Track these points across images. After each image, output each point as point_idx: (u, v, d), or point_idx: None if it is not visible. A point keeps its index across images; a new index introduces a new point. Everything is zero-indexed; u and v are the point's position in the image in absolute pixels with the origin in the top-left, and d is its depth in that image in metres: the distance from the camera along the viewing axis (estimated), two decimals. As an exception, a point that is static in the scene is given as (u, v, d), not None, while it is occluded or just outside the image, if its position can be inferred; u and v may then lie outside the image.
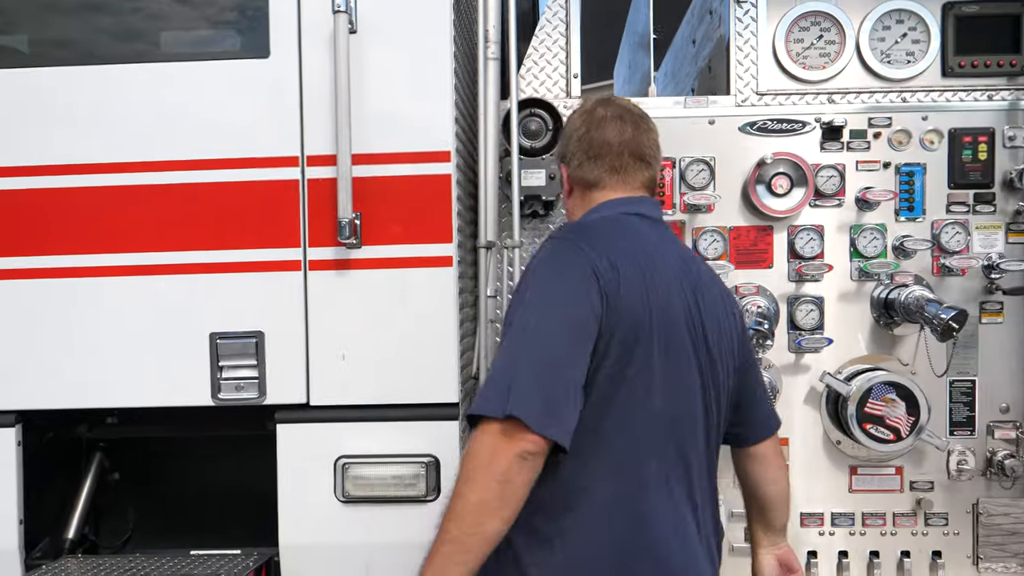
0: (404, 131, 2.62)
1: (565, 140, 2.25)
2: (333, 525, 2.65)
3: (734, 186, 3.05)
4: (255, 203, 2.65)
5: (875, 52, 3.05)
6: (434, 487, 2.63)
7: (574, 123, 2.23)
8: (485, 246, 2.74)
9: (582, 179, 2.20)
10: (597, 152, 2.17)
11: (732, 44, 3.08)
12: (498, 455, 1.80)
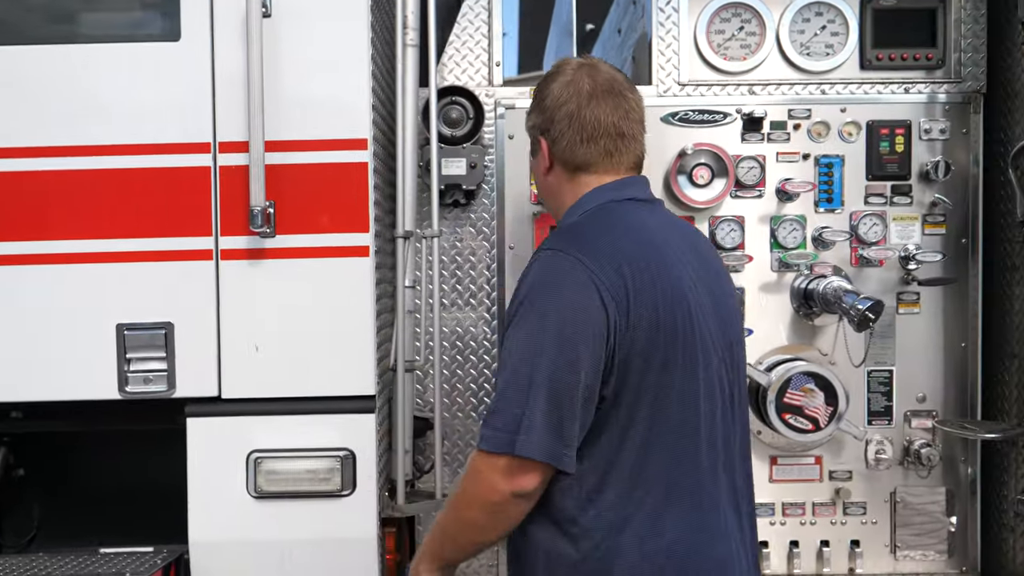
0: (320, 118, 2.56)
1: (547, 112, 2.03)
2: (245, 521, 2.58)
3: (656, 176, 3.04)
4: (165, 190, 2.57)
5: (795, 44, 3.07)
6: (350, 481, 2.58)
7: (557, 94, 2.02)
8: (403, 236, 2.70)
9: (570, 161, 2.02)
10: (591, 135, 2.00)
11: (654, 34, 3.08)
12: (495, 490, 1.81)
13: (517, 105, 3.05)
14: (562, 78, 2.04)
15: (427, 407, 3.02)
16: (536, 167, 2.14)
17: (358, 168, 2.58)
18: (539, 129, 2.07)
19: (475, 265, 3.09)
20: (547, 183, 2.11)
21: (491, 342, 3.08)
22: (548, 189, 2.12)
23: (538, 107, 2.07)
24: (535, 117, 2.08)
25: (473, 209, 3.07)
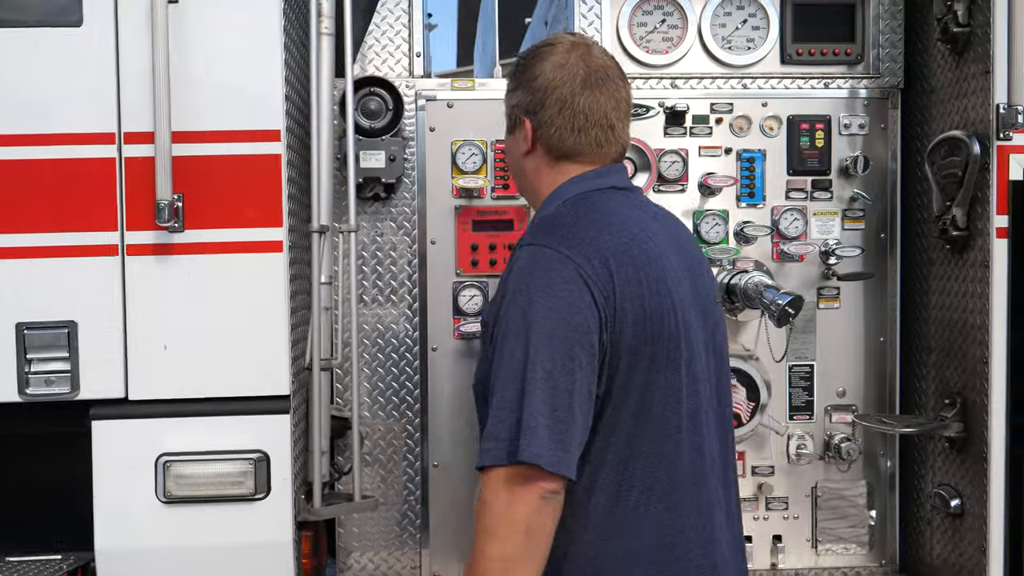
0: (231, 108, 2.47)
1: (537, 93, 1.92)
2: (154, 527, 2.48)
3: (580, 171, 3.03)
4: (67, 183, 2.45)
5: (716, 38, 3.06)
6: (264, 484, 2.50)
7: (550, 76, 1.91)
8: (318, 231, 2.62)
9: (556, 148, 1.93)
10: (582, 125, 1.91)
11: (576, 26, 3.04)
12: (517, 502, 1.65)
13: (438, 97, 3.00)
14: (554, 58, 1.93)
15: (347, 406, 2.95)
16: (512, 146, 2.03)
17: (271, 160, 2.49)
18: (524, 109, 1.96)
19: (396, 260, 3.02)
20: (523, 165, 2.01)
21: (412, 339, 3.02)
22: (523, 171, 2.02)
23: (526, 86, 1.95)
24: (520, 95, 1.96)
25: (393, 203, 3.00)
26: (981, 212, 2.70)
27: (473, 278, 2.99)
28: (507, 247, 3.00)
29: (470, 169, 2.97)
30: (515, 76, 2.00)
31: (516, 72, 2.00)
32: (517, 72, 2.00)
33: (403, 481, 3.04)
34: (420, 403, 3.02)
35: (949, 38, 2.81)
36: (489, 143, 2.99)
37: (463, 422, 3.02)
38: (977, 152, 2.68)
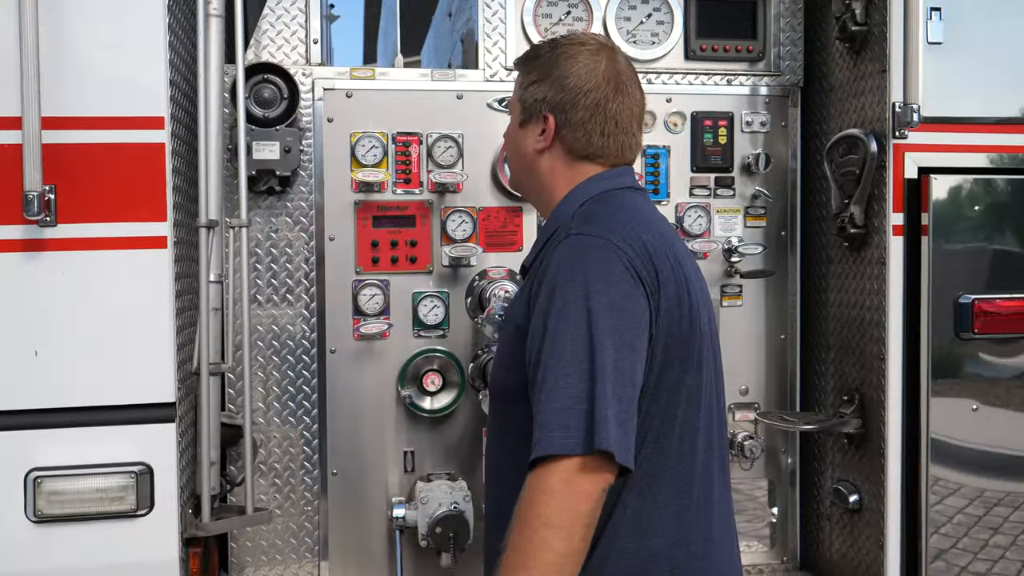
0: (109, 93, 2.25)
1: (567, 93, 1.83)
2: (24, 549, 2.25)
3: (483, 164, 2.92)
4: (-77, 173, 2.21)
5: (622, 32, 3.00)
6: (147, 500, 2.30)
7: (584, 78, 1.82)
8: (207, 225, 2.43)
9: (579, 150, 1.86)
10: (611, 130, 1.85)
11: (480, 16, 2.94)
12: (583, 494, 1.56)
13: (337, 86, 2.84)
14: (585, 59, 1.86)
15: (239, 413, 2.77)
16: (522, 140, 1.92)
17: (154, 150, 2.29)
18: (551, 106, 1.85)
19: (292, 258, 2.85)
20: (536, 162, 1.90)
21: (310, 341, 2.86)
22: (532, 168, 1.92)
23: (555, 83, 1.85)
24: (547, 91, 1.86)
25: (289, 197, 2.83)
26: (878, 210, 2.73)
27: (374, 276, 2.85)
28: (409, 244, 2.87)
29: (370, 162, 2.83)
30: (537, 69, 1.90)
31: (538, 65, 1.90)
32: (540, 65, 1.90)
33: (300, 491, 2.87)
34: (318, 408, 2.86)
35: (847, 37, 2.83)
36: (390, 135, 2.86)
37: (363, 428, 2.88)
38: (874, 150, 2.70)
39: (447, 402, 2.87)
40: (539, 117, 1.88)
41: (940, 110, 2.65)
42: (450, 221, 2.88)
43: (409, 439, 2.92)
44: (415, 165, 2.88)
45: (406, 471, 2.91)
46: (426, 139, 2.87)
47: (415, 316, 2.88)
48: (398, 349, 2.89)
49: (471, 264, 2.90)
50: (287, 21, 2.86)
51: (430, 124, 2.89)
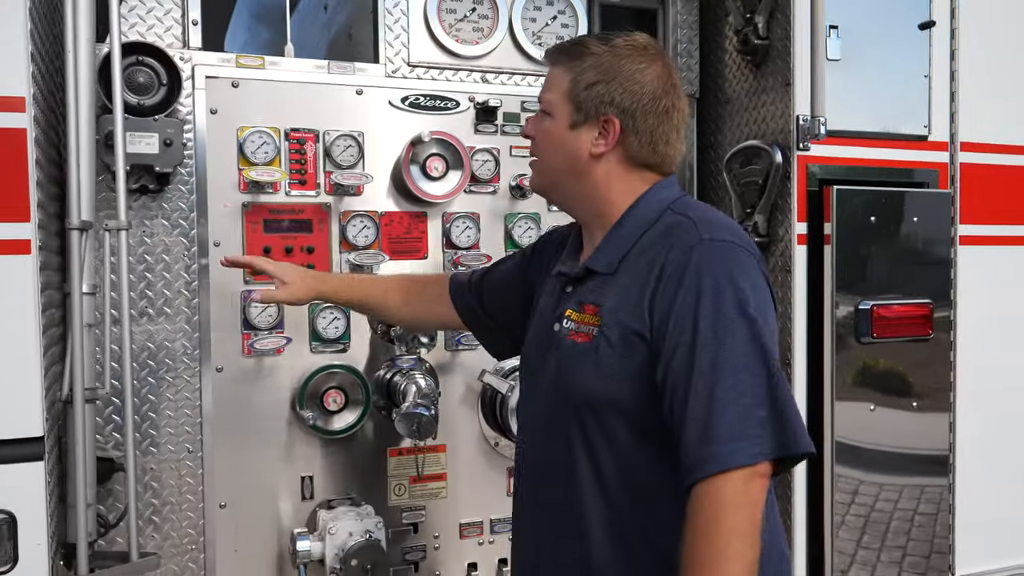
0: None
1: (638, 98, 1.67)
2: None
3: (384, 166, 2.59)
4: None
5: (527, 32, 2.75)
6: (9, 554, 1.84)
7: (655, 82, 1.68)
8: (79, 227, 1.97)
9: (643, 158, 1.70)
10: (674, 139, 1.73)
11: (381, 6, 2.60)
12: (760, 500, 1.49)
13: (222, 74, 2.42)
14: (651, 63, 1.70)
15: (109, 443, 2.30)
16: (575, 143, 1.70)
17: (13, 136, 1.83)
18: (619, 108, 1.67)
19: (170, 266, 2.38)
20: (590, 167, 1.71)
21: (192, 358, 2.41)
22: (585, 173, 1.71)
23: (622, 85, 1.67)
24: (614, 92, 1.67)
25: (166, 198, 2.37)
26: (782, 219, 2.63)
27: (265, 286, 2.44)
28: (306, 251, 2.49)
29: (262, 160, 2.42)
30: (595, 68, 1.69)
31: (595, 64, 1.69)
32: (598, 64, 1.69)
33: (183, 527, 2.41)
34: (202, 434, 2.42)
35: (749, 50, 2.72)
36: (283, 131, 2.47)
37: (254, 454, 2.47)
38: (780, 161, 2.60)
39: (352, 421, 2.51)
40: (599, 120, 1.69)
41: (838, 124, 2.58)
42: (351, 226, 2.52)
43: (306, 463, 2.53)
44: (311, 165, 2.50)
45: (304, 498, 2.52)
46: (323, 137, 2.51)
47: (313, 330, 2.51)
48: (293, 366, 2.50)
49: (374, 273, 2.56)
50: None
51: (327, 120, 2.52)
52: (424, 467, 2.59)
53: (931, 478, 2.74)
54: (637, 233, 1.68)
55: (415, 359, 2.58)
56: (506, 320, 2.01)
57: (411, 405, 2.38)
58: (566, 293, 1.74)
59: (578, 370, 1.65)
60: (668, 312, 1.55)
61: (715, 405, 1.49)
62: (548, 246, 1.97)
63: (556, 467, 1.69)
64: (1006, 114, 2.89)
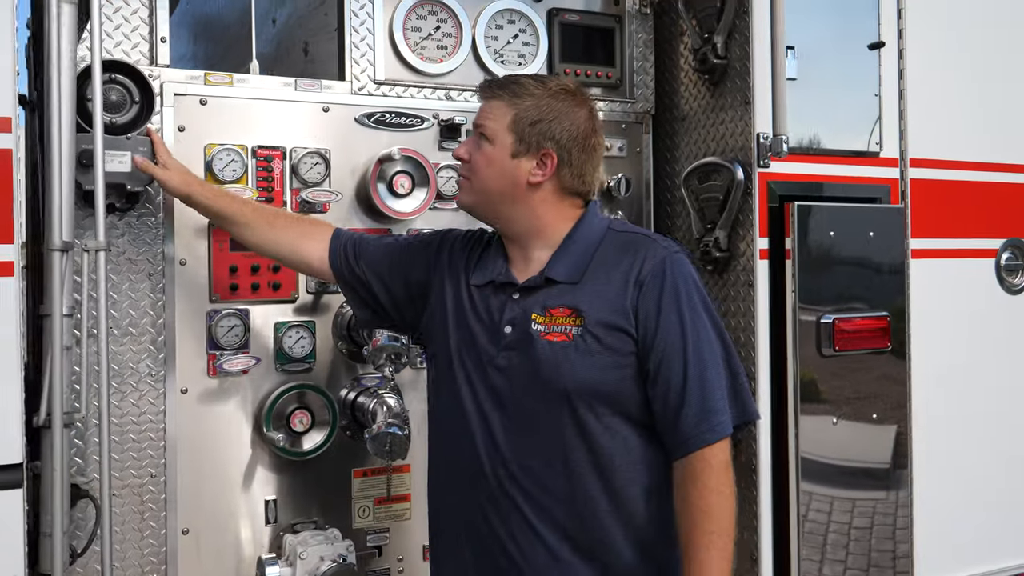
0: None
1: (573, 134, 2.12)
2: None
3: (348, 182, 2.84)
4: None
5: (490, 50, 3.06)
6: (-14, 589, 2.01)
7: (588, 121, 2.15)
8: (61, 248, 2.17)
9: (573, 187, 2.16)
10: (595, 169, 2.19)
11: (347, 24, 2.86)
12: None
13: (190, 91, 2.64)
14: (581, 105, 2.16)
15: (72, 467, 2.47)
16: (515, 171, 2.13)
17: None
18: (558, 145, 2.12)
19: (135, 285, 2.58)
20: (527, 194, 2.14)
21: (157, 379, 2.60)
22: (521, 199, 2.14)
23: (560, 125, 2.12)
24: (554, 131, 2.11)
25: (132, 216, 2.57)
26: (743, 235, 2.98)
27: (232, 305, 2.67)
28: (272, 269, 2.72)
29: (230, 178, 2.65)
30: (536, 107, 2.12)
31: (535, 104, 2.12)
32: (537, 104, 2.12)
33: (144, 554, 2.59)
34: (165, 457, 2.61)
35: (707, 69, 3.08)
36: (251, 148, 2.70)
37: (218, 477, 2.67)
38: (741, 178, 2.95)
39: (320, 441, 2.74)
40: (538, 152, 2.12)
41: (795, 141, 2.95)
42: (318, 244, 2.76)
43: (269, 487, 2.75)
44: (278, 182, 2.74)
45: (267, 522, 2.73)
46: (290, 154, 2.75)
47: (279, 349, 2.73)
48: (258, 386, 2.72)
49: (339, 291, 2.80)
50: (127, 14, 2.61)
51: (294, 138, 2.76)
52: (392, 487, 2.83)
53: (890, 491, 3.11)
54: (591, 249, 2.14)
55: (380, 378, 2.83)
56: (377, 290, 2.35)
57: (383, 425, 2.62)
58: (513, 299, 2.14)
59: (565, 364, 2.06)
60: (655, 312, 2.04)
61: (707, 387, 2.04)
62: (453, 249, 2.34)
63: (546, 456, 2.07)
64: (952, 131, 3.33)
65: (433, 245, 2.37)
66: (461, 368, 2.17)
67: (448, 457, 2.23)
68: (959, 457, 3.32)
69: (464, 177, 2.22)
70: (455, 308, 2.22)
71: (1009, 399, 3.47)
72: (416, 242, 2.42)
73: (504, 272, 2.18)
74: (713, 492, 2.02)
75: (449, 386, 2.20)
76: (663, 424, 2.07)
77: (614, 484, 2.06)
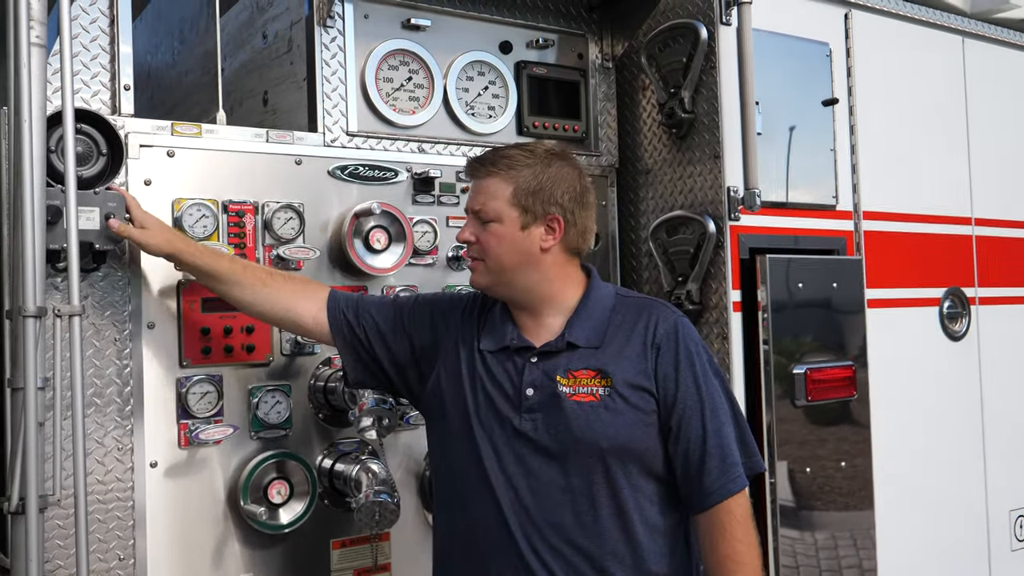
0: None
1: (573, 195, 2.15)
2: None
3: (319, 238, 2.67)
4: None
5: (461, 103, 2.96)
6: None
7: (581, 180, 2.18)
8: (34, 315, 1.94)
9: (577, 246, 2.18)
10: (594, 218, 2.23)
11: (319, 74, 2.71)
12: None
13: (156, 143, 2.44)
14: (572, 166, 2.19)
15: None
16: (527, 241, 2.13)
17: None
18: (561, 208, 2.13)
19: (100, 350, 2.34)
20: (542, 260, 2.14)
21: (124, 451, 2.34)
22: (538, 265, 2.14)
23: (562, 188, 2.14)
24: (558, 196, 2.13)
25: (96, 277, 2.34)
26: (716, 287, 2.95)
27: (205, 370, 2.46)
28: (245, 330, 2.52)
29: (200, 234, 2.45)
30: (535, 177, 2.13)
31: (533, 174, 2.13)
32: (535, 174, 2.13)
33: (113, 647, 2.33)
34: (134, 537, 2.36)
35: (674, 123, 3.06)
36: (221, 203, 2.51)
37: (191, 555, 2.43)
38: (713, 231, 2.93)
39: (300, 512, 2.53)
40: (544, 219, 2.13)
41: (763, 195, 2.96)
42: (293, 304, 2.58)
43: (245, 563, 2.52)
44: (250, 238, 2.55)
45: (245, 601, 2.51)
46: (263, 209, 2.57)
47: (254, 415, 2.53)
48: (231, 455, 2.51)
49: (314, 352, 2.63)
50: (86, 60, 2.40)
51: (266, 191, 2.59)
52: (379, 556, 2.65)
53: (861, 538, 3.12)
54: (606, 313, 2.17)
55: (357, 443, 2.66)
56: (379, 351, 2.28)
57: (371, 493, 2.45)
58: (531, 363, 2.12)
59: (597, 424, 2.05)
60: (673, 372, 2.09)
61: (724, 442, 2.09)
62: (449, 313, 2.29)
63: (576, 512, 2.05)
64: (900, 184, 3.41)
65: (439, 306, 2.31)
66: (481, 429, 2.11)
67: (468, 522, 2.14)
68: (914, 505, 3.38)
69: (476, 259, 2.19)
70: (469, 372, 2.17)
71: (959, 444, 3.57)
72: (419, 303, 2.34)
73: (517, 337, 2.16)
74: (740, 542, 2.07)
75: (466, 448, 2.12)
76: (686, 479, 2.10)
77: (636, 538, 2.06)
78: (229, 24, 3.20)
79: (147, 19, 3.74)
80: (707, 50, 2.94)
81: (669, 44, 3.07)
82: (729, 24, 2.93)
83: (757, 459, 2.18)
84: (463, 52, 2.99)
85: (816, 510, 3.00)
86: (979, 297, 3.70)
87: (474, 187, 2.20)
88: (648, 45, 3.14)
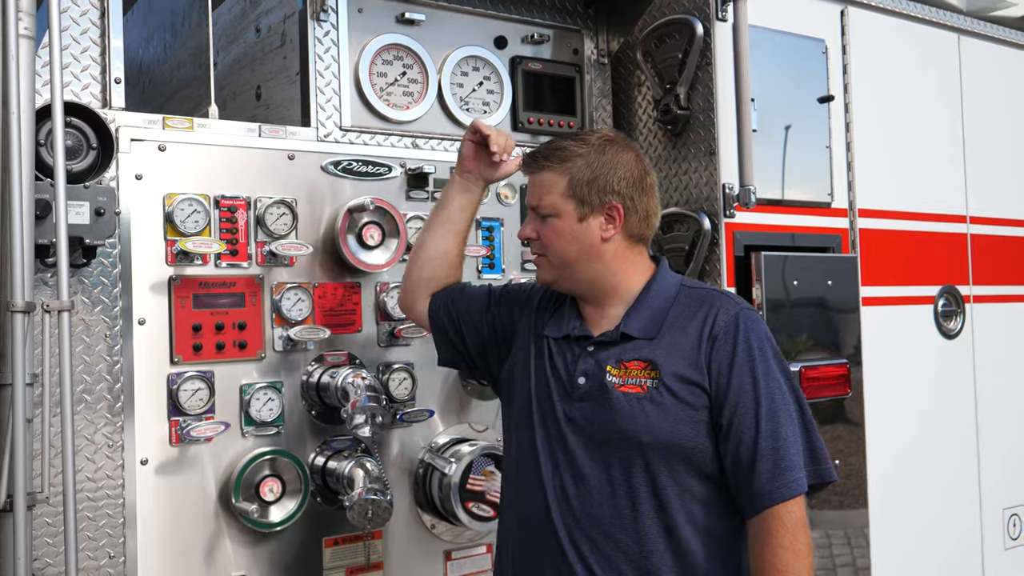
0: None
1: (631, 180, 2.07)
2: None
3: (311, 233, 2.65)
4: None
5: (456, 98, 2.93)
6: None
7: (640, 163, 2.11)
8: (23, 310, 1.91)
9: (640, 232, 2.11)
10: (657, 209, 2.15)
11: (312, 68, 2.69)
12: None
13: (147, 138, 2.41)
14: (630, 150, 2.12)
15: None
16: (586, 233, 2.07)
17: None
18: (620, 195, 2.06)
19: (90, 347, 2.31)
20: (602, 250, 2.08)
21: (114, 448, 2.32)
22: (599, 256, 2.08)
23: (618, 174, 2.07)
24: (612, 181, 2.06)
25: (86, 272, 2.31)
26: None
27: (196, 367, 2.43)
28: (237, 327, 2.49)
29: (192, 230, 2.42)
30: (588, 167, 2.06)
31: (586, 164, 2.06)
32: (589, 163, 2.07)
33: (102, 647, 2.31)
34: (124, 535, 2.34)
35: (670, 119, 3.04)
36: (213, 198, 2.48)
37: (182, 553, 2.41)
38: (708, 228, 2.92)
39: (292, 510, 2.51)
40: (603, 208, 2.07)
41: (758, 192, 2.94)
42: (285, 299, 2.55)
43: (237, 561, 2.49)
44: (243, 234, 2.52)
45: (237, 600, 2.49)
46: (255, 204, 2.54)
47: (246, 412, 2.50)
48: (223, 453, 2.48)
49: (308, 348, 2.60)
50: (76, 53, 2.36)
51: (258, 187, 2.56)
52: (371, 555, 2.62)
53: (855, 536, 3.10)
54: (667, 304, 2.09)
55: (350, 440, 2.64)
56: (467, 332, 2.32)
57: (364, 491, 2.42)
58: (587, 352, 2.08)
59: (641, 417, 1.99)
60: (728, 366, 1.98)
61: (780, 444, 1.95)
62: (527, 301, 2.29)
63: (616, 507, 1.99)
64: (896, 182, 3.40)
65: (523, 294, 2.33)
66: (539, 416, 2.10)
67: (520, 507, 2.13)
68: (907, 500, 3.37)
69: (539, 255, 2.16)
70: (536, 357, 2.16)
71: (953, 442, 3.56)
72: (508, 289, 2.38)
73: (579, 326, 2.13)
74: (787, 550, 1.93)
75: (525, 434, 2.12)
76: (736, 480, 1.98)
77: (680, 539, 1.98)
78: (221, 18, 3.17)
79: (139, 12, 3.70)
80: (703, 46, 2.93)
81: (665, 40, 3.05)
82: (725, 20, 2.91)
83: (827, 467, 2.02)
84: (458, 47, 2.96)
85: (810, 508, 2.97)
86: (973, 295, 3.69)
87: (531, 182, 2.16)
88: (644, 41, 3.12)
